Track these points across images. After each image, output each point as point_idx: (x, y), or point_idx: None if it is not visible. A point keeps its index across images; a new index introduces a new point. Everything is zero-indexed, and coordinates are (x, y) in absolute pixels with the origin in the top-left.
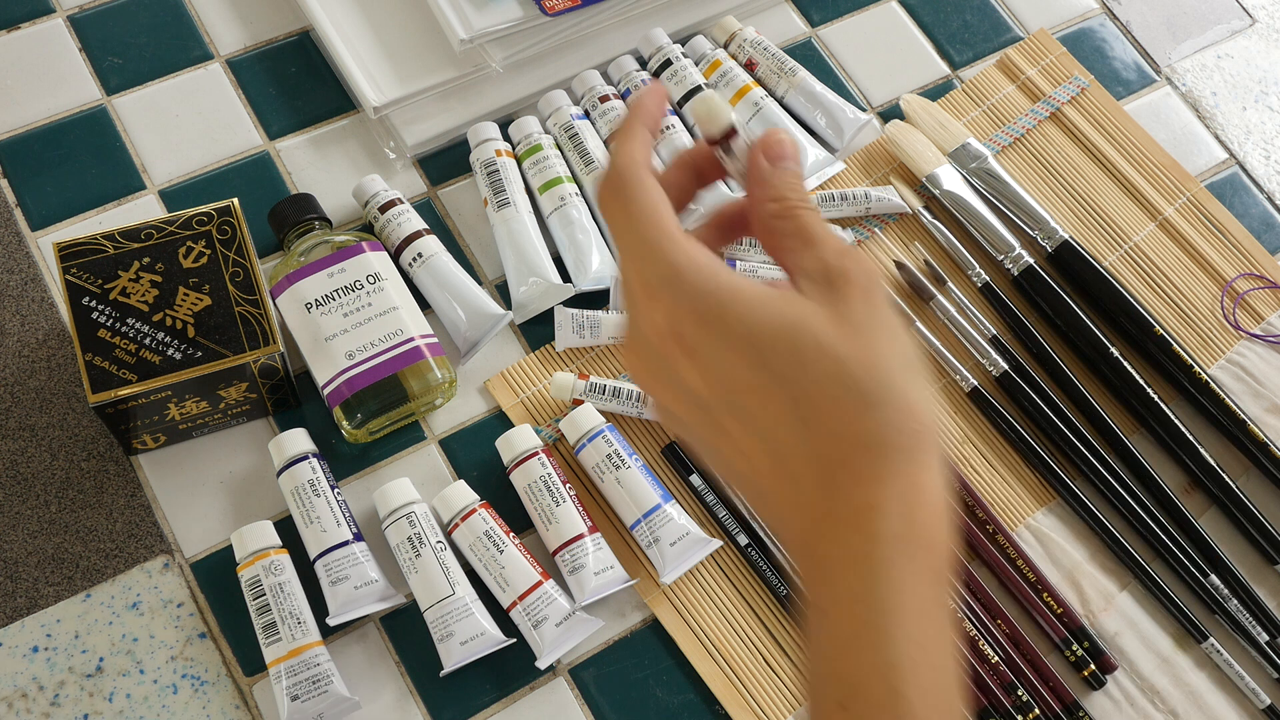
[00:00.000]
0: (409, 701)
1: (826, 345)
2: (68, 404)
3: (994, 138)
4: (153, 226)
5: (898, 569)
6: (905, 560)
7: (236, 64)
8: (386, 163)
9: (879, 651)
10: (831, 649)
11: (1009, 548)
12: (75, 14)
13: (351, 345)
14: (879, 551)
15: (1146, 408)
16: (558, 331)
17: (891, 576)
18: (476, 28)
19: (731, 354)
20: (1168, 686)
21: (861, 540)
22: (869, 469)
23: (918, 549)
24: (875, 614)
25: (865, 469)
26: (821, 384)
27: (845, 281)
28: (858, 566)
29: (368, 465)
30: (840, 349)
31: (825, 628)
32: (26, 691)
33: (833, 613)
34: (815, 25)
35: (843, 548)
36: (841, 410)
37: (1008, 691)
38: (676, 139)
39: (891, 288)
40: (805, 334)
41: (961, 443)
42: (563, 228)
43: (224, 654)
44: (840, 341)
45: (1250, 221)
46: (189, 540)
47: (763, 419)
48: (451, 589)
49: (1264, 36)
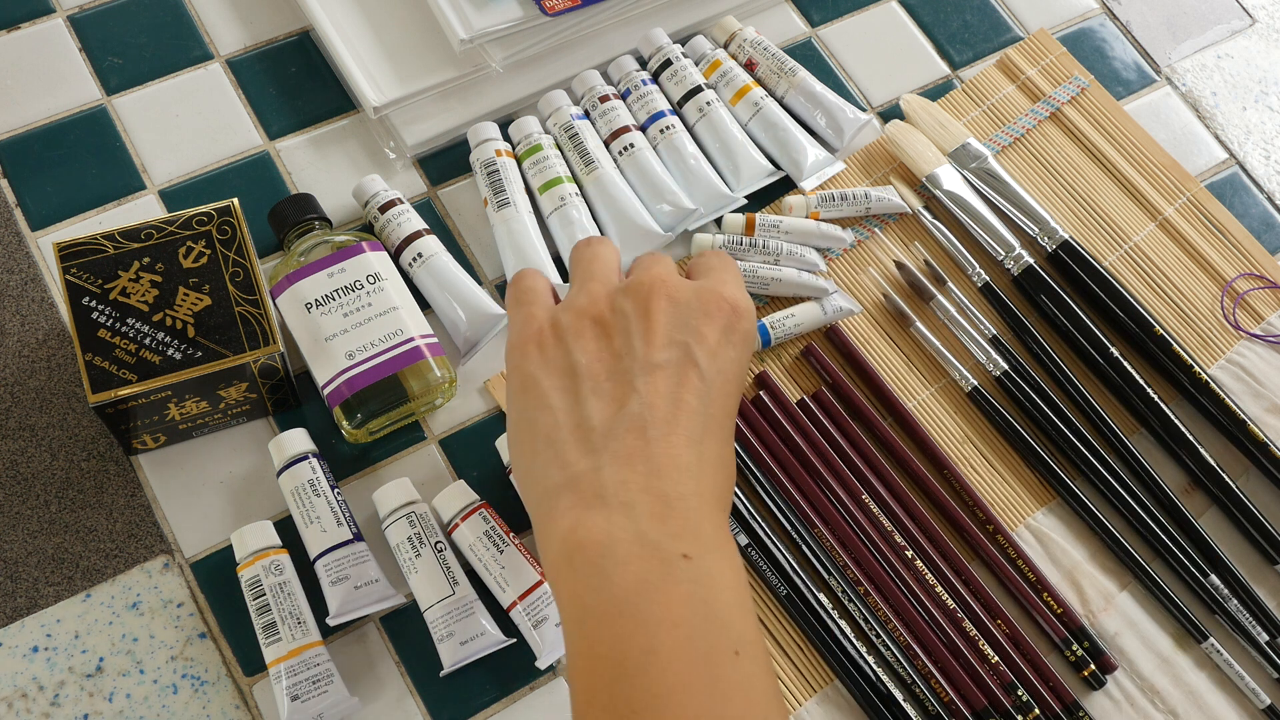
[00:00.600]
0: (409, 701)
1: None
2: (68, 404)
3: (994, 138)
4: (153, 226)
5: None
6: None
7: (236, 64)
8: (386, 163)
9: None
10: (732, 603)
11: (1009, 548)
12: (75, 14)
13: (351, 345)
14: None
15: (1147, 407)
16: None
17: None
18: (476, 28)
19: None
20: (1168, 686)
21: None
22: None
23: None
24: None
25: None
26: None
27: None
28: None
29: (368, 465)
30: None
31: (720, 576)
32: (26, 691)
33: (725, 563)
34: (815, 25)
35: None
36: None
37: (1008, 691)
38: (676, 139)
39: (892, 288)
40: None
41: (961, 443)
42: (563, 228)
43: (224, 654)
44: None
45: (1250, 221)
46: (189, 540)
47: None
48: (451, 589)
49: (1264, 36)
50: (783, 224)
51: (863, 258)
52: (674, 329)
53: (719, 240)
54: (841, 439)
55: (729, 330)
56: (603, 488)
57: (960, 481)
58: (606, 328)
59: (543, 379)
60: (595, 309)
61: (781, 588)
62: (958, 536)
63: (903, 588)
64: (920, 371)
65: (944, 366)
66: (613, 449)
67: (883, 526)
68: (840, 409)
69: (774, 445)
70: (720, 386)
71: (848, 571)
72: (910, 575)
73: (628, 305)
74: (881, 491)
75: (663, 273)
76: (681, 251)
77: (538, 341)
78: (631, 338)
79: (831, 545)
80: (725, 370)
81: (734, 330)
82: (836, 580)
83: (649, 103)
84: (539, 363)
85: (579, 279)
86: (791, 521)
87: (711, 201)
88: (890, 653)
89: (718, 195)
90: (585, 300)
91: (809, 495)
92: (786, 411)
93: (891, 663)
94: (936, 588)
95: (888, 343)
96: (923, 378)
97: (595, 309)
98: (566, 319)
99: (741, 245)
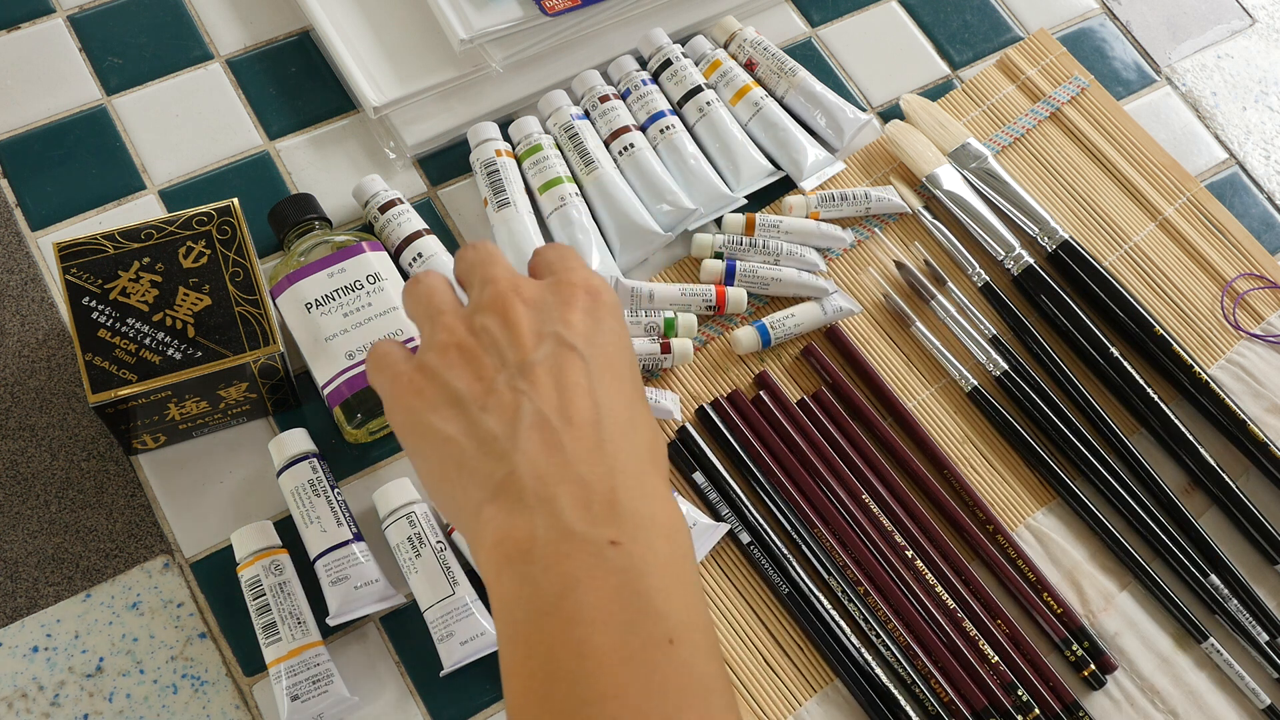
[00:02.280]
0: (409, 701)
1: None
2: (68, 404)
3: (994, 138)
4: (153, 226)
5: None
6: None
7: (236, 64)
8: (386, 163)
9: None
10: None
11: (1009, 548)
12: (75, 14)
13: (351, 345)
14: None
15: (1147, 407)
16: None
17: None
18: (476, 28)
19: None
20: (1168, 686)
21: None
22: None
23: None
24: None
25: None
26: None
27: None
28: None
29: (368, 465)
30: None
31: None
32: (26, 691)
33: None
34: (815, 25)
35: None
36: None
37: (1008, 691)
38: (676, 139)
39: (892, 288)
40: None
41: (961, 443)
42: (563, 228)
43: (224, 654)
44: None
45: (1250, 221)
46: (189, 540)
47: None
48: (451, 589)
49: (1264, 36)
50: (783, 224)
51: (863, 258)
52: (539, 326)
53: (719, 240)
54: (841, 439)
55: (592, 310)
56: (521, 489)
57: (960, 481)
58: (472, 351)
59: (431, 418)
60: (455, 338)
61: (783, 587)
62: (958, 536)
63: (903, 588)
64: (920, 371)
65: (944, 366)
66: (521, 449)
67: (883, 526)
68: (840, 409)
69: (774, 445)
70: (604, 359)
71: (848, 571)
72: (910, 575)
73: (487, 321)
74: (881, 491)
75: (506, 278)
76: (681, 252)
77: (412, 391)
78: (501, 349)
79: (831, 545)
80: (604, 343)
81: (597, 308)
82: (836, 580)
83: (649, 103)
84: (421, 407)
85: (424, 318)
86: (791, 521)
87: (711, 201)
88: (890, 652)
89: (718, 195)
90: (443, 335)
91: (809, 495)
92: (786, 411)
93: (891, 663)
94: (936, 587)
95: (888, 343)
96: (923, 378)
97: (455, 338)
98: (430, 358)
99: (741, 245)
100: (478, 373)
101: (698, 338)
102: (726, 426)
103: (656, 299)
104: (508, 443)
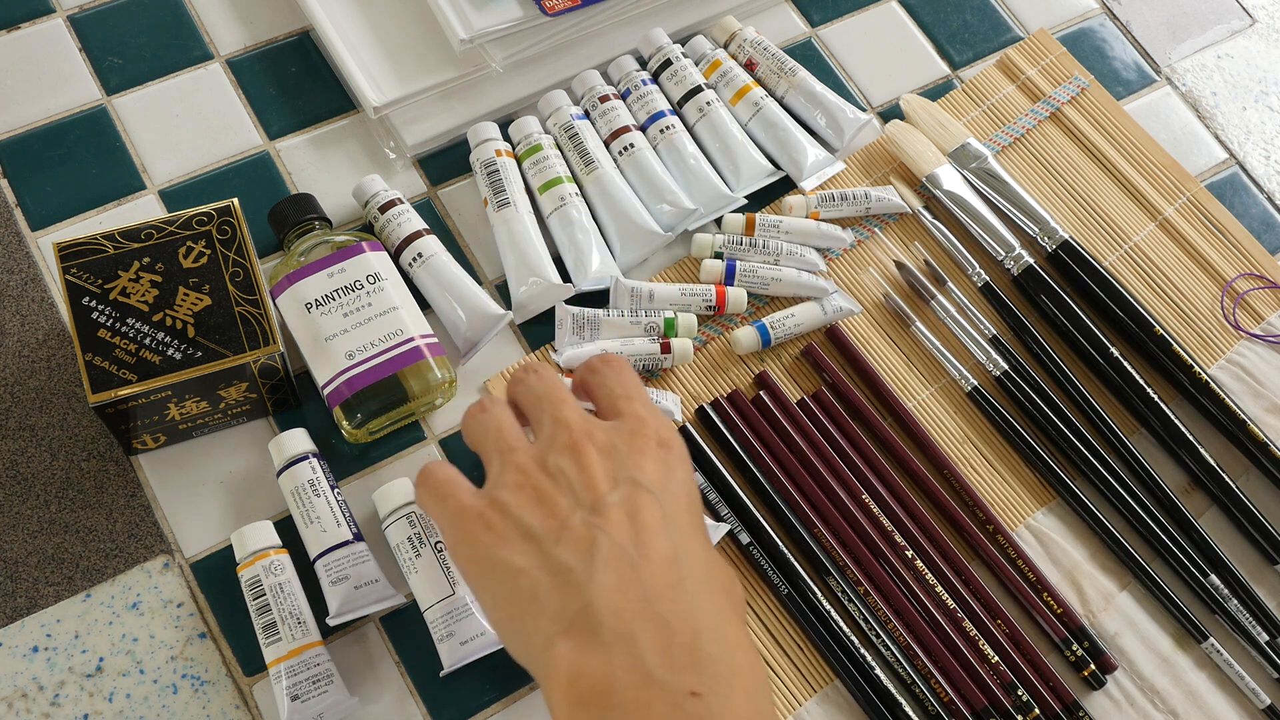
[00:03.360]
0: (409, 701)
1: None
2: (68, 404)
3: (994, 138)
4: (153, 226)
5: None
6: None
7: (236, 64)
8: (386, 163)
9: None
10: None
11: (1009, 548)
12: (75, 14)
13: (351, 345)
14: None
15: (1147, 407)
16: (558, 330)
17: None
18: (476, 28)
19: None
20: (1168, 686)
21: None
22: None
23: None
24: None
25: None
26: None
27: None
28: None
29: (368, 465)
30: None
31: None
32: (26, 691)
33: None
34: (815, 25)
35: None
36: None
37: (1008, 691)
38: (676, 139)
39: (892, 288)
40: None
41: (961, 443)
42: (563, 228)
43: (224, 654)
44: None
45: (1250, 221)
46: (189, 540)
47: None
48: (451, 589)
49: (1264, 36)
50: (783, 224)
51: (863, 258)
52: (613, 471)
53: (719, 240)
54: (841, 439)
55: (664, 460)
56: (598, 624)
57: (960, 481)
58: (545, 490)
59: (501, 552)
60: (530, 479)
61: (783, 587)
62: (958, 536)
63: (903, 588)
64: (920, 371)
65: (944, 366)
66: (598, 582)
67: (883, 526)
68: (840, 409)
69: (774, 445)
70: (676, 504)
71: (848, 571)
72: (910, 575)
73: (561, 462)
74: (881, 491)
75: (579, 422)
76: (681, 252)
77: (481, 524)
78: (575, 490)
79: (831, 545)
80: (676, 492)
81: (670, 458)
82: (836, 580)
83: (649, 103)
84: (491, 541)
85: (493, 451)
86: (792, 521)
87: (711, 201)
88: (890, 652)
89: (718, 195)
90: (515, 475)
91: (809, 495)
92: (786, 411)
93: (891, 663)
94: (936, 587)
95: (888, 343)
96: (923, 378)
97: (530, 479)
98: (503, 495)
99: (741, 245)
100: (551, 510)
101: (698, 338)
102: (726, 426)
103: (656, 299)
104: (583, 575)
